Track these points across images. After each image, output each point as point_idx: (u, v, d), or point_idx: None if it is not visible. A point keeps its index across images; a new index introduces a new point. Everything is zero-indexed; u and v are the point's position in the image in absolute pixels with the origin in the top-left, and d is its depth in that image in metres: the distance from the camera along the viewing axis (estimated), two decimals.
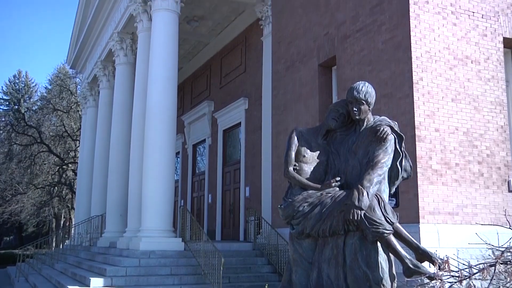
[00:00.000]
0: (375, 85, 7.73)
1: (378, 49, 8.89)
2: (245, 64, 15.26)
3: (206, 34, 16.82)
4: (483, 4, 8.99)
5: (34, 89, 42.01)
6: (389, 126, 4.28)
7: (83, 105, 22.48)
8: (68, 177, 34.39)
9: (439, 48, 8.41)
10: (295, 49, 11.52)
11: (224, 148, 16.59)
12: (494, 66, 8.88)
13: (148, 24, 13.06)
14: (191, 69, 19.55)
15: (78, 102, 30.87)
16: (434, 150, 8.05)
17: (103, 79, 18.15)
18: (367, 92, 4.31)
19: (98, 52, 18.70)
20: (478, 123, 8.52)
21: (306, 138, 4.54)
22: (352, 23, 9.62)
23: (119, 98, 15.47)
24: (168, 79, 11.92)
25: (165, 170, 11.61)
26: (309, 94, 10.85)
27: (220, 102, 16.71)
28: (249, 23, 14.89)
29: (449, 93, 8.35)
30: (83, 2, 19.40)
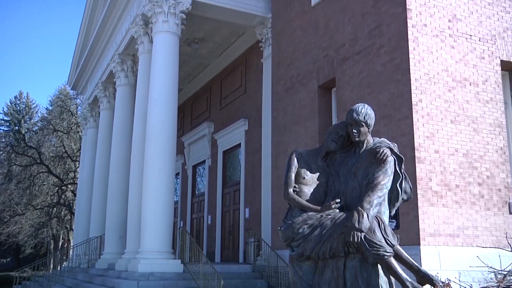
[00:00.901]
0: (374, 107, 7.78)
1: (377, 71, 8.96)
2: (245, 85, 15.35)
3: (206, 56, 16.96)
4: (480, 28, 9.10)
5: (34, 110, 42.19)
6: (389, 148, 4.28)
7: (84, 126, 22.53)
8: (67, 198, 34.28)
9: (437, 70, 8.48)
10: (294, 71, 11.60)
11: (224, 169, 16.58)
12: (492, 88, 8.94)
13: (149, 46, 13.18)
14: (191, 90, 19.66)
15: (79, 123, 30.97)
16: (434, 171, 8.05)
17: (104, 100, 18.23)
18: (366, 114, 4.32)
19: (99, 73, 18.84)
20: (478, 145, 8.54)
21: (306, 159, 4.54)
22: (351, 45, 9.72)
23: (120, 119, 15.51)
24: (168, 101, 11.98)
25: (165, 192, 11.57)
26: (308, 115, 10.89)
27: (220, 123, 16.76)
28: (249, 45, 15.02)
29: (448, 115, 8.39)
30: (85, 25, 19.61)
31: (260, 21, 13.50)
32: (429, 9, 8.68)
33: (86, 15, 19.08)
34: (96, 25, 17.79)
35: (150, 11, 12.32)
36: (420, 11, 8.58)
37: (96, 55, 19.04)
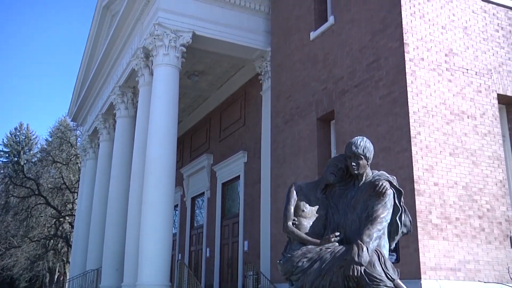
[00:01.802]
0: (373, 139, 7.82)
1: (375, 104, 9.03)
2: (244, 117, 15.44)
3: (206, 88, 17.12)
4: (476, 62, 9.23)
5: (34, 141, 42.30)
6: (388, 181, 4.28)
7: (83, 157, 22.55)
8: (64, 229, 33.98)
9: (435, 103, 8.56)
10: (294, 103, 11.69)
11: (223, 201, 16.50)
12: (490, 121, 9.00)
13: (150, 78, 13.32)
14: (191, 122, 19.76)
15: (78, 155, 30.99)
16: (434, 204, 8.01)
17: (104, 131, 18.31)
18: (365, 147, 4.34)
19: (100, 105, 18.98)
20: (477, 177, 8.53)
21: (305, 192, 4.54)
22: (350, 78, 9.83)
23: (119, 150, 15.54)
24: (168, 133, 12.03)
25: (163, 224, 11.49)
26: (308, 147, 10.92)
27: (219, 155, 16.78)
28: (249, 78, 15.19)
29: (447, 147, 8.42)
30: (86, 57, 19.87)
31: (260, 55, 13.69)
32: (426, 43, 8.82)
33: (88, 48, 19.35)
34: (97, 58, 18.03)
35: (151, 44, 12.51)
36: (417, 45, 8.72)
37: (97, 87, 19.23)
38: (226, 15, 13.16)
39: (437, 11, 9.15)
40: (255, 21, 13.58)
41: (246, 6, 13.41)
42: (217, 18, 13.00)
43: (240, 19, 13.37)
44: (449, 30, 9.17)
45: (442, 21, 9.14)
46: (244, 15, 13.45)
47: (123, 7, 14.34)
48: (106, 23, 17.53)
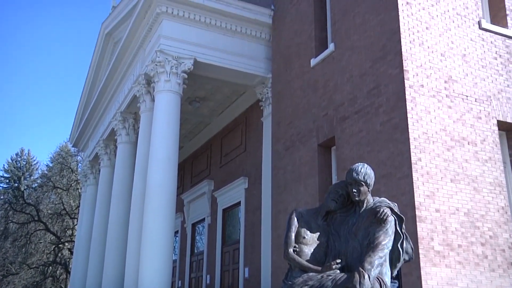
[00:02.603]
0: (374, 165, 7.81)
1: (376, 130, 9.06)
2: (245, 143, 15.47)
3: (207, 114, 17.20)
4: (475, 89, 9.30)
5: (35, 167, 42.30)
6: (389, 207, 4.27)
7: (83, 183, 22.52)
8: (63, 256, 33.69)
9: (435, 130, 8.58)
10: (294, 130, 11.73)
11: (224, 227, 16.39)
12: (490, 147, 9.01)
13: (151, 104, 13.40)
14: (191, 148, 19.79)
15: (78, 180, 30.95)
16: (436, 231, 7.96)
17: (104, 157, 18.32)
18: (366, 173, 4.34)
19: (101, 131, 19.05)
20: (479, 204, 8.49)
21: (306, 219, 4.52)
22: (350, 105, 9.88)
23: (120, 176, 15.52)
24: (169, 159, 12.03)
25: (164, 250, 11.39)
26: (308, 173, 10.90)
27: (220, 181, 16.75)
28: (250, 104, 15.27)
29: (448, 174, 8.41)
30: (88, 84, 20.05)
31: (261, 81, 13.80)
32: (425, 70, 8.90)
33: (90, 75, 19.54)
34: (99, 84, 18.19)
35: (153, 70, 12.63)
36: (417, 72, 8.80)
37: (99, 113, 19.33)
38: (227, 42, 13.32)
39: (436, 39, 9.26)
40: (256, 48, 13.73)
41: (247, 33, 13.59)
42: (218, 44, 13.16)
43: (241, 46, 13.53)
44: (448, 58, 9.26)
45: (441, 49, 9.25)
46: (245, 42, 13.61)
47: (125, 34, 14.53)
48: (108, 50, 17.74)
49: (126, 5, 14.38)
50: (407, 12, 9.13)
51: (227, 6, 13.11)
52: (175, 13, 12.69)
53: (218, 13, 13.09)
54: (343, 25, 10.60)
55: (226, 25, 13.27)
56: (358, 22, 10.09)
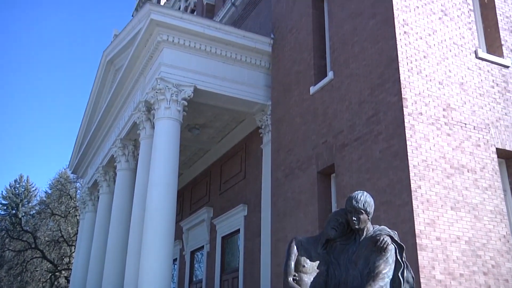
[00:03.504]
0: (373, 193, 7.79)
1: (375, 157, 9.07)
2: (244, 171, 15.45)
3: (207, 141, 17.23)
4: (474, 117, 9.35)
5: (33, 194, 42.15)
6: (389, 235, 4.25)
7: (82, 210, 22.39)
8: (60, 284, 33.24)
9: (435, 157, 8.59)
10: (294, 157, 11.74)
11: (223, 255, 16.23)
12: (490, 175, 9.00)
13: (151, 131, 13.44)
14: (191, 175, 19.75)
15: (77, 207, 30.81)
16: (437, 259, 7.88)
17: (104, 184, 18.27)
18: (365, 201, 4.34)
19: (100, 157, 19.04)
20: (480, 232, 8.43)
21: (305, 247, 4.49)
22: (350, 132, 9.92)
23: (118, 203, 15.45)
24: (168, 186, 11.99)
25: (162, 279, 11.24)
26: (308, 201, 10.86)
27: (219, 208, 16.66)
28: (249, 131, 15.32)
29: (448, 201, 8.38)
30: (89, 111, 20.14)
31: (260, 108, 13.87)
32: (424, 98, 8.97)
33: (91, 101, 19.65)
34: (100, 111, 18.27)
35: (153, 98, 12.71)
36: (415, 100, 8.86)
37: (99, 140, 19.37)
38: (227, 70, 13.44)
39: (433, 67, 9.36)
40: (255, 75, 13.86)
41: (247, 61, 13.73)
42: (218, 72, 13.28)
43: (241, 73, 13.65)
44: (446, 86, 9.34)
45: (439, 77, 9.34)
46: (245, 70, 13.74)
47: (126, 62, 14.68)
48: (109, 77, 17.89)
49: (128, 34, 14.57)
50: (405, 41, 9.25)
51: (227, 35, 13.28)
52: (176, 41, 12.85)
53: (219, 42, 13.26)
54: (342, 53, 10.73)
55: (226, 53, 13.42)
56: (356, 51, 10.22)
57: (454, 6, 10.22)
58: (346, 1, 10.90)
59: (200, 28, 12.92)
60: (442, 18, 9.93)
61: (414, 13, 9.61)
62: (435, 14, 9.88)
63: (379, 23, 9.69)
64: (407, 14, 9.51)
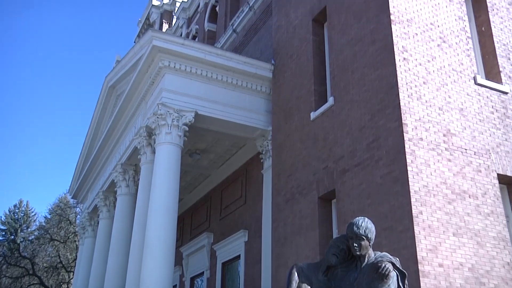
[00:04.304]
0: (374, 219, 7.74)
1: (376, 183, 9.04)
2: (245, 196, 15.39)
3: (207, 167, 17.22)
4: (474, 142, 9.36)
5: (33, 219, 41.90)
6: (391, 262, 4.21)
7: (81, 235, 22.25)
8: None
9: (436, 183, 8.57)
10: (295, 182, 11.71)
11: (223, 281, 16.04)
12: (492, 201, 8.96)
13: (152, 156, 13.44)
14: (191, 201, 19.68)
15: (76, 232, 30.60)
16: (440, 286, 7.78)
17: (104, 209, 18.19)
18: (367, 227, 4.31)
19: (101, 182, 19.01)
20: (483, 259, 8.34)
21: (306, 274, 4.45)
22: (350, 157, 9.92)
23: (118, 228, 15.35)
24: (168, 212, 11.94)
25: None
26: (309, 226, 10.79)
27: (220, 234, 16.54)
28: (250, 156, 15.32)
29: (450, 227, 8.32)
30: (90, 135, 20.21)
31: (261, 134, 13.90)
32: (424, 124, 9.00)
33: (92, 126, 19.73)
34: (101, 136, 18.33)
35: (154, 123, 12.76)
36: (416, 125, 8.89)
37: (99, 165, 19.37)
38: (228, 95, 13.53)
39: (433, 93, 9.43)
40: (256, 101, 13.94)
41: (248, 87, 13.83)
42: (219, 98, 13.36)
43: (242, 99, 13.74)
44: (446, 111, 9.39)
45: (438, 103, 9.39)
46: (246, 95, 13.83)
47: (128, 87, 14.79)
48: (111, 102, 18.00)
49: (130, 59, 14.72)
50: (405, 67, 9.33)
51: (228, 61, 13.41)
52: (177, 67, 12.97)
53: (220, 68, 13.38)
54: (342, 79, 10.82)
55: (227, 79, 13.53)
56: (357, 77, 10.30)
57: (452, 34, 10.35)
58: (346, 27, 11.04)
59: (201, 54, 13.05)
60: (441, 45, 10.05)
61: (413, 40, 9.73)
62: (434, 41, 10.00)
63: (378, 49, 9.80)
64: (406, 41, 9.62)
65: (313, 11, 12.61)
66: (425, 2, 10.31)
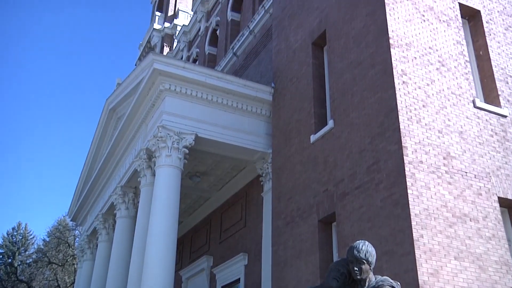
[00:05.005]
0: (375, 242, 7.70)
1: (377, 206, 9.01)
2: (245, 219, 15.32)
3: (207, 189, 17.18)
4: (474, 165, 9.36)
5: (31, 242, 41.61)
6: (392, 286, 4.18)
7: (80, 258, 22.07)
8: None
9: (436, 206, 8.54)
10: (295, 205, 11.67)
11: None
12: (493, 224, 8.92)
13: (151, 179, 13.42)
14: (191, 223, 19.57)
15: (75, 255, 30.34)
16: None
17: (103, 232, 18.08)
18: (367, 251, 4.29)
19: (100, 205, 18.94)
20: (486, 284, 8.26)
21: None
22: (350, 180, 9.90)
23: (117, 251, 15.24)
24: (168, 235, 11.86)
25: None
26: (309, 250, 10.71)
27: (219, 257, 16.41)
28: (250, 179, 15.29)
29: (451, 251, 8.25)
30: (90, 157, 20.22)
31: (261, 156, 13.91)
32: (424, 147, 9.01)
33: (92, 149, 19.76)
34: (101, 158, 18.33)
35: (155, 145, 12.78)
36: (415, 148, 8.90)
37: (99, 187, 19.33)
38: (228, 118, 13.58)
39: (433, 116, 9.46)
40: (256, 124, 13.99)
41: (248, 109, 13.89)
42: (219, 120, 13.41)
43: (242, 122, 13.78)
44: (446, 134, 9.41)
45: (438, 126, 9.42)
46: (246, 118, 13.89)
47: (129, 110, 14.86)
48: (111, 125, 18.07)
49: (131, 82, 14.83)
50: (404, 90, 9.40)
51: (229, 84, 13.50)
52: (178, 90, 13.05)
53: (220, 91, 13.46)
54: (342, 102, 10.88)
55: (228, 101, 13.60)
56: (356, 100, 10.36)
57: (450, 57, 10.45)
58: (345, 51, 11.15)
59: (202, 77, 13.15)
60: (439, 68, 10.13)
61: (412, 63, 9.82)
62: (432, 64, 10.09)
63: (378, 73, 9.88)
64: (405, 64, 9.71)
65: (313, 35, 12.76)
66: (423, 26, 10.44)
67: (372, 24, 10.40)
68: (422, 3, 10.73)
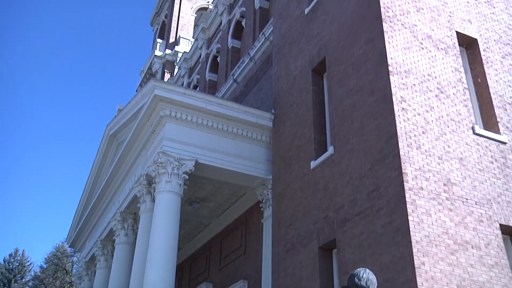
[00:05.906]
0: (376, 269, 7.63)
1: (377, 232, 8.95)
2: (245, 245, 15.19)
3: (207, 215, 17.09)
4: (475, 192, 9.33)
5: (28, 268, 41.13)
6: None
7: (77, 285, 21.81)
8: None
9: (437, 233, 8.48)
10: (295, 232, 11.59)
11: None
12: (495, 252, 8.84)
13: (151, 205, 13.37)
14: (190, 250, 19.40)
15: (73, 282, 29.96)
16: None
17: (101, 258, 17.91)
18: (368, 279, 4.25)
19: (99, 231, 18.81)
20: None
21: None
22: (351, 207, 9.86)
23: (115, 278, 15.06)
24: (167, 261, 11.75)
25: None
26: (310, 277, 10.59)
27: (219, 284, 16.21)
28: (250, 205, 15.23)
29: (454, 279, 8.16)
30: (90, 183, 20.17)
31: (261, 183, 13.88)
32: (424, 173, 9.01)
33: (92, 175, 19.73)
34: (101, 184, 18.29)
35: (155, 171, 12.77)
36: (416, 175, 8.89)
37: (98, 213, 19.23)
38: (229, 144, 13.60)
39: (432, 143, 9.49)
40: (256, 150, 14.00)
41: (248, 136, 13.93)
42: (219, 146, 13.43)
43: (242, 148, 13.80)
44: (446, 161, 9.42)
45: (438, 152, 9.43)
46: (246, 144, 13.91)
47: (129, 136, 14.89)
48: (112, 151, 18.09)
49: (131, 108, 14.91)
50: (403, 117, 9.44)
51: (229, 110, 13.57)
52: (179, 116, 13.11)
53: (220, 117, 13.52)
54: (341, 128, 10.92)
55: (228, 128, 13.65)
56: (356, 126, 10.40)
57: (449, 84, 10.54)
58: (345, 78, 11.25)
59: (202, 103, 13.23)
60: (438, 95, 10.21)
61: (411, 90, 9.89)
62: (431, 91, 10.16)
63: (377, 99, 9.95)
64: (404, 91, 9.78)
65: (313, 62, 12.89)
66: (422, 54, 10.56)
67: (371, 51, 10.52)
68: (420, 31, 10.87)
